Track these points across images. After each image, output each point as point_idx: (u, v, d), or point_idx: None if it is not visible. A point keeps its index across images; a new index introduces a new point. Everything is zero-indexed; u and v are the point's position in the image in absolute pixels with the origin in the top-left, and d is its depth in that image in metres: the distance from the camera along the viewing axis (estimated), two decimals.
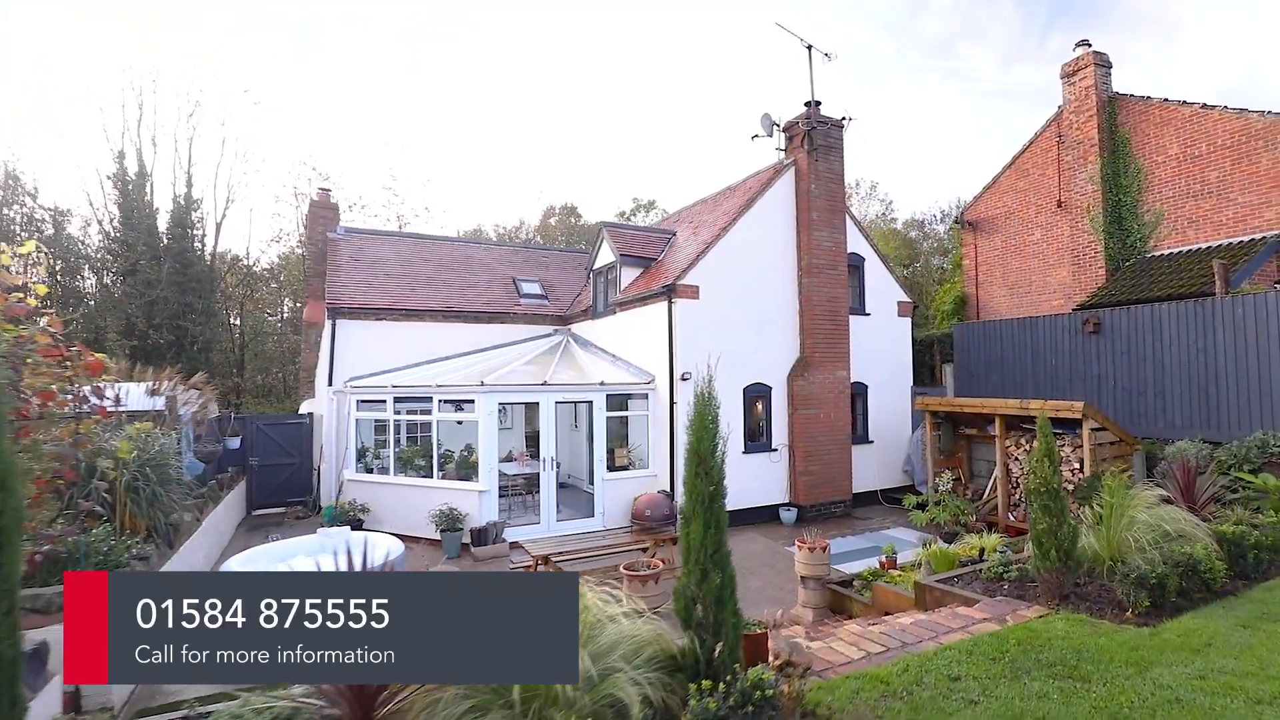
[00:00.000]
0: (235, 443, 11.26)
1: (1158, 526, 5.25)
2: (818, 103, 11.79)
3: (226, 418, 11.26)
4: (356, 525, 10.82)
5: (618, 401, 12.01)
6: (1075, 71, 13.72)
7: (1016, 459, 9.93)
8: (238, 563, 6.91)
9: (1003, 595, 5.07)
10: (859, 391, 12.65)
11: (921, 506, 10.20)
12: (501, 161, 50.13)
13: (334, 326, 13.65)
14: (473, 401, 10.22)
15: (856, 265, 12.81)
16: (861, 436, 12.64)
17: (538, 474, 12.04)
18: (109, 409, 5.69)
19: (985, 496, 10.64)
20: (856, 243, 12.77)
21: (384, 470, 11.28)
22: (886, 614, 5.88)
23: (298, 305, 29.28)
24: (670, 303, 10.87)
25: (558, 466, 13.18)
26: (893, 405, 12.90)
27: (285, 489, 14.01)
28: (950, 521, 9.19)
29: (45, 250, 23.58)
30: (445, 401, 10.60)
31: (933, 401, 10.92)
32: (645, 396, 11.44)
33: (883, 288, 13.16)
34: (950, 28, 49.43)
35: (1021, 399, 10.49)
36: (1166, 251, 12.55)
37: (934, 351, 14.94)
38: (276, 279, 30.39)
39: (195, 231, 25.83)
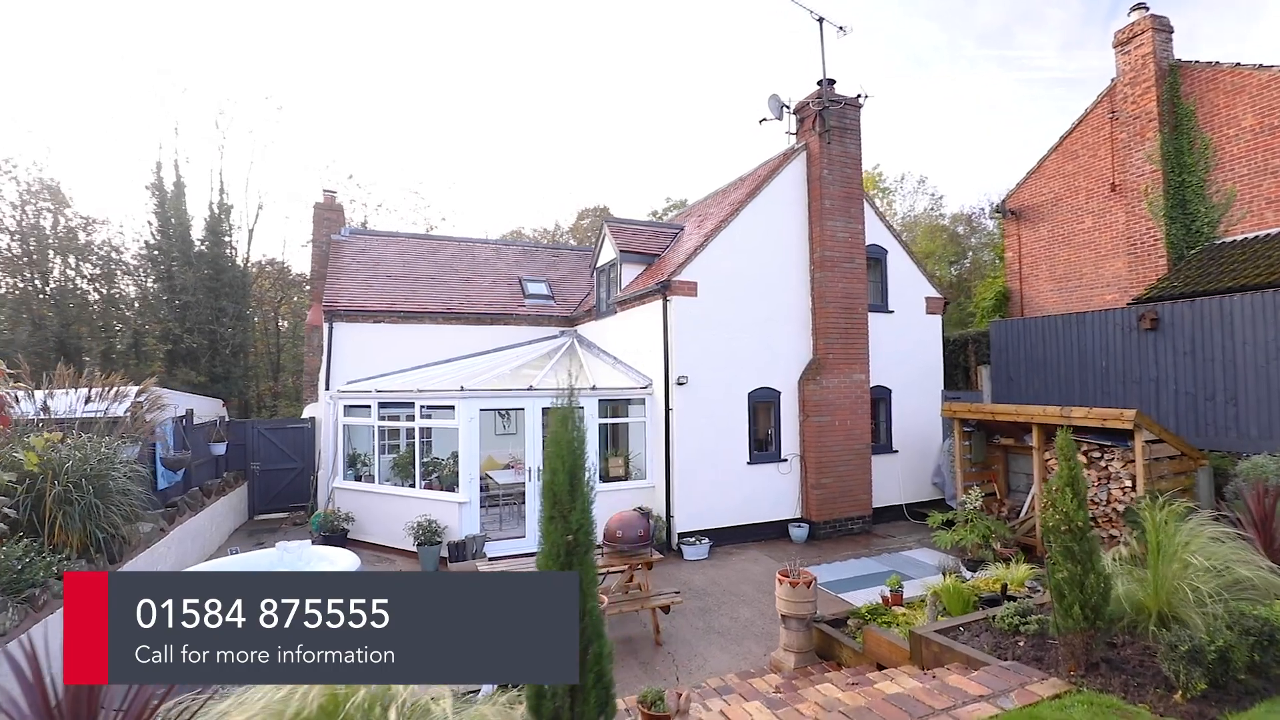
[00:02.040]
0: (221, 448, 10.98)
1: (1223, 571, 4.17)
2: (831, 81, 10.76)
3: (213, 423, 10.98)
4: (341, 535, 10.40)
5: (613, 407, 11.25)
6: (1130, 39, 12.25)
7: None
8: None
9: (1015, 657, 4.08)
10: (880, 396, 11.52)
11: (949, 525, 9.08)
12: (536, 165, 50.09)
13: (331, 329, 13.33)
14: (453, 407, 9.62)
15: (877, 258, 11.69)
16: (884, 446, 11.51)
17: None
18: (13, 416, 5.24)
19: (1022, 515, 9.43)
20: (878, 233, 11.66)
21: (370, 478, 10.81)
22: (879, 666, 4.93)
23: None
24: (665, 301, 10.04)
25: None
26: (920, 411, 11.71)
27: (287, 494, 13.78)
28: (976, 546, 8.07)
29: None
30: (430, 407, 10.04)
31: (961, 408, 9.75)
32: (643, 402, 10.63)
33: (908, 282, 11.99)
34: (1007, 14, 46.81)
35: (1064, 405, 9.25)
36: (1239, 237, 11.00)
37: (968, 352, 13.61)
38: (310, 282, 30.85)
39: (227, 238, 26.28)
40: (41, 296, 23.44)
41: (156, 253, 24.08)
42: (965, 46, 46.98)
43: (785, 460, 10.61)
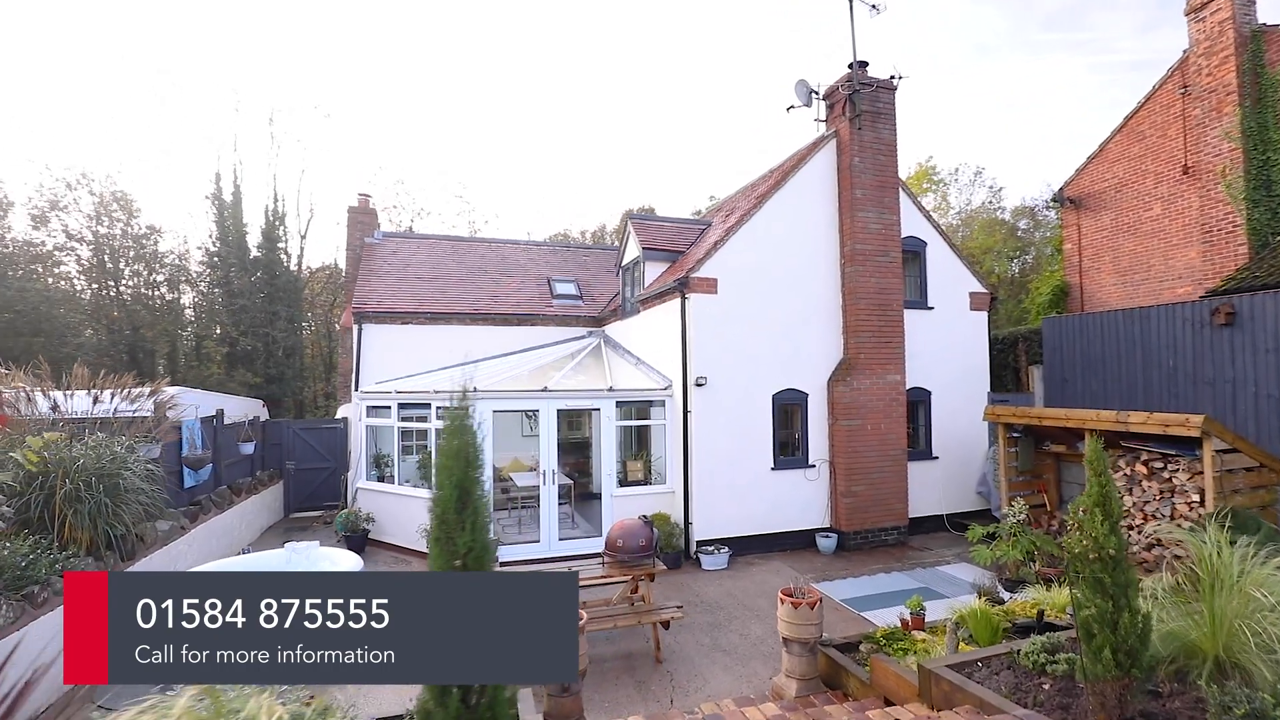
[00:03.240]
0: (249, 447, 11.21)
1: None
2: (862, 63, 10.12)
3: (241, 424, 11.24)
4: (362, 535, 10.46)
5: (632, 409, 10.93)
6: (1205, 3, 11.06)
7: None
8: None
9: (1037, 704, 3.53)
10: (919, 399, 10.78)
11: (990, 539, 8.33)
12: (582, 167, 50.31)
13: (360, 331, 13.51)
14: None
15: (915, 251, 10.95)
16: (922, 452, 10.76)
17: (561, 485, 11.20)
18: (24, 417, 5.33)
19: None
20: (915, 224, 10.92)
21: (392, 479, 10.83)
22: (886, 701, 4.42)
23: None
24: (683, 299, 9.64)
25: (573, 480, 12.33)
26: (963, 415, 10.89)
27: (321, 493, 14.05)
28: (1016, 564, 7.35)
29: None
30: (444, 408, 9.93)
31: (1005, 412, 8.97)
32: (663, 404, 10.25)
33: (950, 277, 11.18)
34: None
35: (1125, 409, 8.38)
36: None
37: (1018, 351, 12.61)
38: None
39: (281, 244, 27.27)
40: (115, 302, 24.86)
41: (216, 259, 25.23)
42: (1030, 31, 44.42)
43: (813, 466, 10.03)
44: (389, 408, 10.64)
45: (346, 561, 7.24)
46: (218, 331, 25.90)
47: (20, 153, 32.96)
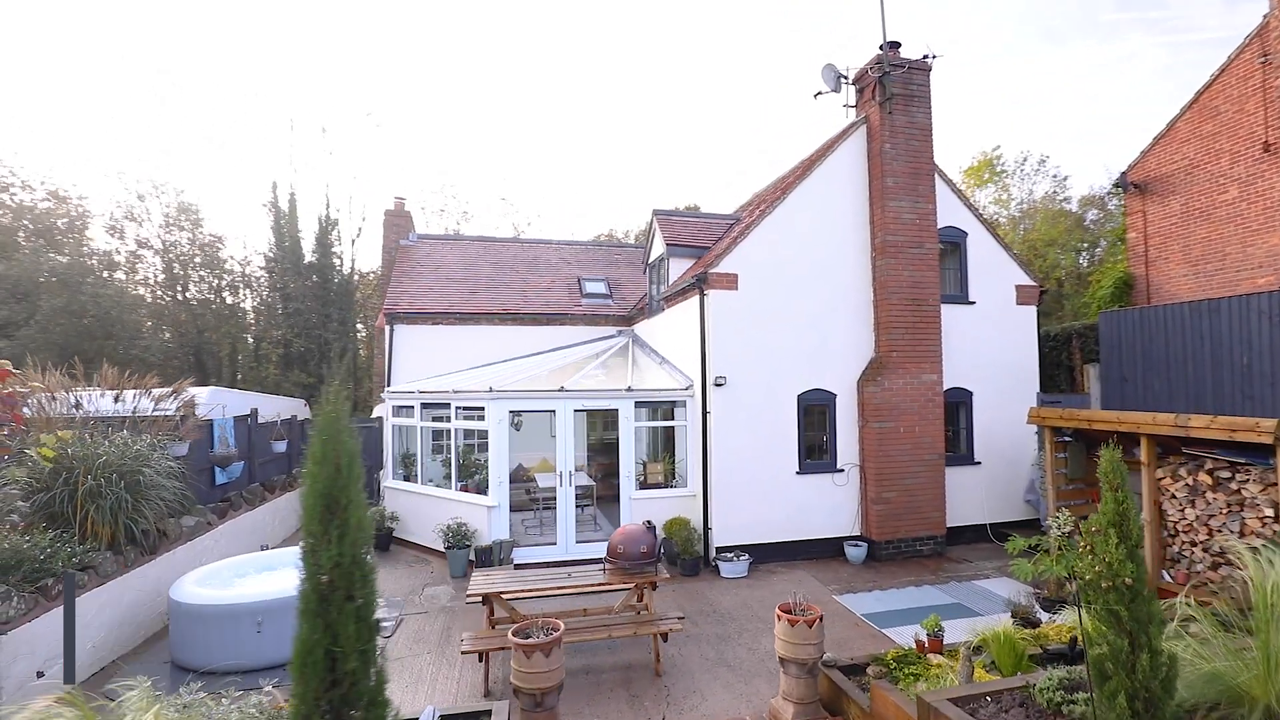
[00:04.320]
0: (282, 446, 11.51)
1: None
2: (894, 44, 9.54)
3: (274, 423, 11.56)
4: (387, 534, 10.58)
5: (658, 410, 10.67)
6: None
7: (1173, 496, 7.10)
8: (194, 576, 6.63)
9: None
10: (958, 400, 10.09)
11: (1031, 552, 7.66)
12: (628, 167, 50.30)
13: (392, 331, 13.75)
14: (482, 408, 9.44)
15: (955, 242, 10.26)
16: (962, 456, 10.07)
17: (582, 486, 11.07)
18: (28, 415, 5.53)
19: None
20: (955, 213, 10.23)
21: (414, 478, 10.91)
22: None
23: None
24: (702, 295, 9.31)
25: (597, 481, 12.15)
26: (1008, 417, 10.13)
27: None
28: (1055, 582, 6.72)
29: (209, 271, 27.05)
30: (464, 408, 9.94)
31: (1051, 414, 8.25)
32: (684, 404, 9.95)
33: (994, 269, 10.43)
34: None
35: (1192, 411, 7.59)
36: None
37: (1072, 349, 11.66)
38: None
39: (334, 249, 28.24)
40: (183, 306, 26.30)
41: (274, 265, 26.37)
42: (1102, 10, 41.63)
43: (841, 470, 9.52)
44: (412, 407, 10.73)
45: None
46: (276, 334, 27.04)
47: (100, 167, 35.41)
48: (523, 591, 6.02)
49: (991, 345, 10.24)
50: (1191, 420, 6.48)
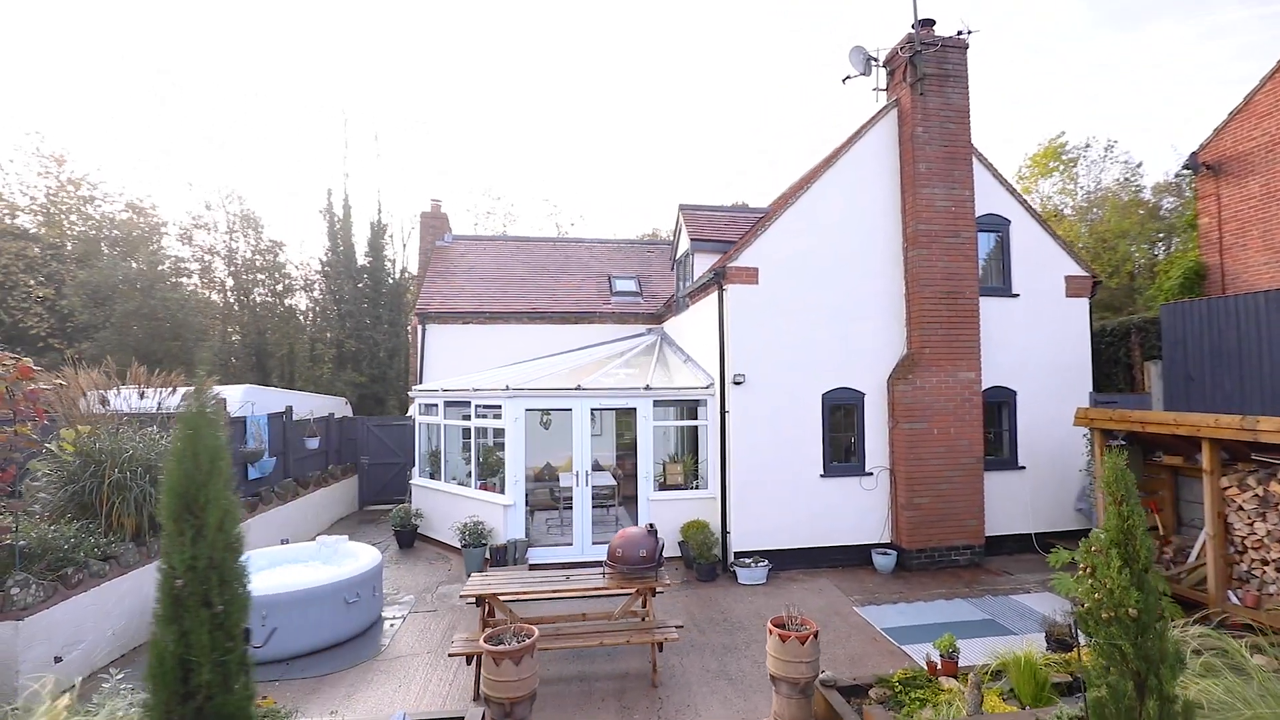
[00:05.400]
0: (314, 443, 11.82)
1: None
2: (926, 22, 8.95)
3: (307, 420, 11.88)
4: (412, 530, 10.72)
5: (683, 409, 10.40)
6: None
7: (1240, 508, 6.35)
8: None
9: None
10: (1000, 399, 9.40)
11: (1075, 565, 7.02)
12: (676, 166, 50.01)
13: (424, 331, 13.97)
14: (500, 407, 9.40)
15: (997, 229, 9.56)
16: (1005, 460, 9.38)
17: (600, 487, 10.94)
18: (44, 412, 5.77)
19: (1192, 559, 7.06)
20: (995, 199, 9.53)
21: (438, 475, 11.02)
22: None
23: None
24: (721, 290, 8.99)
25: (618, 480, 11.97)
26: (1057, 419, 9.37)
27: (392, 487, 14.67)
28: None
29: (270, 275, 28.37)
30: (483, 406, 9.94)
31: (1099, 415, 7.55)
32: (705, 404, 9.64)
33: (1040, 259, 9.66)
34: None
35: (1268, 413, 6.80)
36: None
37: (1131, 344, 10.68)
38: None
39: (385, 252, 29.14)
40: (245, 308, 27.71)
41: (328, 268, 27.46)
42: None
43: (870, 474, 9.02)
44: (436, 405, 10.82)
45: (366, 556, 7.34)
46: (329, 336, 28.09)
47: (172, 177, 37.65)
48: (519, 594, 5.89)
49: (1037, 341, 9.49)
50: (1261, 423, 5.76)
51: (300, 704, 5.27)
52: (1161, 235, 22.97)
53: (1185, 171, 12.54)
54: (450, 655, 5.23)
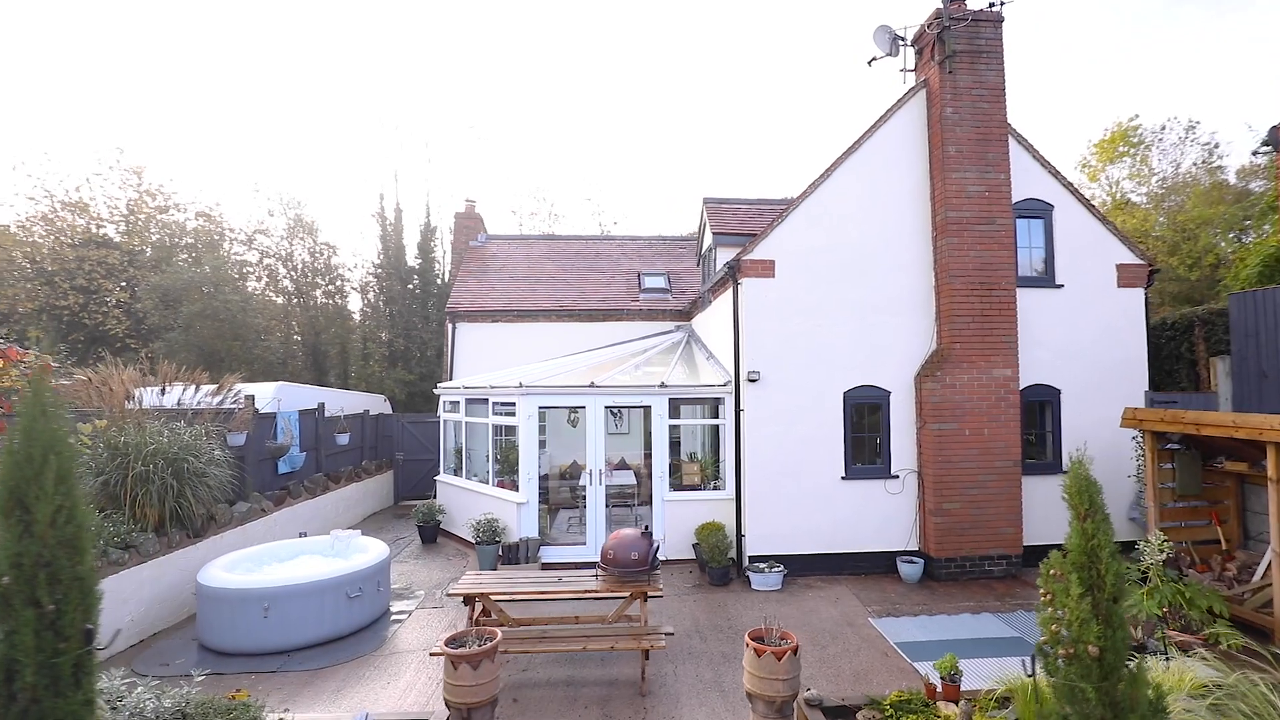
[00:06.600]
0: (344, 439, 12.14)
1: None
2: None
3: (338, 417, 12.21)
4: (434, 526, 10.86)
5: (700, 408, 10.13)
6: None
7: None
8: (225, 561, 7.02)
9: None
10: (1043, 399, 8.70)
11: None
12: (720, 164, 49.41)
13: (454, 329, 14.17)
14: (514, 404, 9.38)
15: (1038, 215, 8.85)
16: (1046, 464, 8.68)
17: (622, 486, 10.80)
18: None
19: (1257, 578, 6.32)
20: (1036, 183, 8.83)
21: (460, 472, 11.12)
22: None
23: None
24: (735, 284, 8.67)
25: (638, 480, 11.77)
26: (1106, 420, 8.58)
27: (425, 482, 14.96)
28: (1147, 624, 5.51)
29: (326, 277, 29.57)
30: (498, 403, 9.95)
31: (1150, 416, 6.85)
32: (723, 401, 9.34)
33: (1088, 246, 8.88)
34: None
35: None
36: None
37: (1194, 339, 9.68)
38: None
39: (434, 254, 29.94)
40: (301, 309, 28.99)
41: (380, 271, 28.43)
42: None
43: (896, 477, 8.52)
44: (459, 402, 10.92)
45: (374, 550, 7.42)
46: (382, 336, 29.03)
47: (240, 183, 39.77)
48: (509, 594, 5.81)
49: (1085, 335, 8.74)
50: None
51: (292, 696, 5.34)
52: (1248, 222, 20.99)
53: (1265, 149, 11.28)
54: (431, 655, 5.19)
